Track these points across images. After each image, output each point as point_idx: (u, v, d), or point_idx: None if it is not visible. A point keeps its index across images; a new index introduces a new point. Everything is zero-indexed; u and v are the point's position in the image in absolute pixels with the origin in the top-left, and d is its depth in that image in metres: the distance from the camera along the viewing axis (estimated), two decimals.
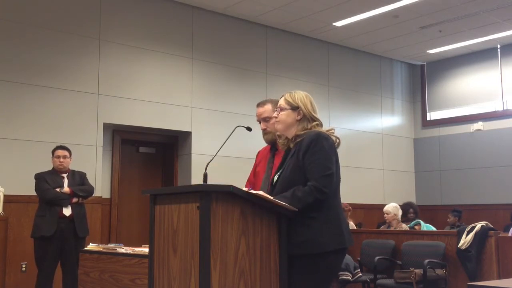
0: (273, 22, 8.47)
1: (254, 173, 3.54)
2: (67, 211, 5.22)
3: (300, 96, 2.86)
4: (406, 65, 10.72)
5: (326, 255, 2.67)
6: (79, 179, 5.45)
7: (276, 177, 2.88)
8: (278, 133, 2.92)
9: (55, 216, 5.16)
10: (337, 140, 2.81)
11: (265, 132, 3.42)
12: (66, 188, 5.28)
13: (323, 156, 2.68)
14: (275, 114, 2.89)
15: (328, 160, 2.68)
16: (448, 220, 8.05)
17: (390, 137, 10.21)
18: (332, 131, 2.82)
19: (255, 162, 3.58)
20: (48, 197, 5.21)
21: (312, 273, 2.69)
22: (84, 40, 6.90)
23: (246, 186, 3.40)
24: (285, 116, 2.84)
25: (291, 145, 2.84)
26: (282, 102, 2.88)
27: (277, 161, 3.36)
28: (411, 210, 7.60)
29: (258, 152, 3.62)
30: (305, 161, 2.69)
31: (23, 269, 6.12)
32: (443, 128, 10.23)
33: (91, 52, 6.94)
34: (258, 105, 3.46)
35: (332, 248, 2.66)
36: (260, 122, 3.44)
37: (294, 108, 2.83)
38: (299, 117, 2.82)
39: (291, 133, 2.84)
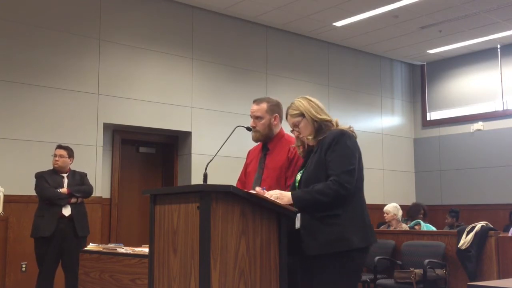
0: (273, 22, 8.47)
1: (245, 172, 3.54)
2: (66, 211, 5.22)
3: (300, 103, 2.87)
4: (406, 65, 10.72)
5: (352, 253, 2.65)
6: (79, 179, 5.45)
7: (299, 176, 2.88)
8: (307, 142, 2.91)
9: (54, 216, 5.16)
10: (354, 134, 2.83)
11: (254, 129, 3.41)
12: (63, 189, 5.28)
13: (345, 153, 2.69)
14: (295, 134, 2.90)
15: (350, 157, 2.69)
16: (446, 221, 8.03)
17: (390, 137, 10.21)
18: (352, 128, 2.84)
19: (246, 161, 3.57)
20: (45, 195, 5.21)
21: (337, 273, 2.65)
22: (84, 40, 6.90)
23: (237, 186, 3.40)
24: (304, 127, 2.84)
25: (311, 144, 2.85)
26: (290, 120, 2.88)
27: (269, 161, 3.36)
28: (422, 211, 7.57)
29: (249, 151, 3.61)
30: (327, 158, 2.70)
31: (23, 269, 6.12)
32: (443, 128, 10.23)
33: (91, 52, 6.94)
34: (255, 101, 3.45)
35: (358, 246, 2.64)
36: (252, 118, 3.45)
37: (302, 115, 2.85)
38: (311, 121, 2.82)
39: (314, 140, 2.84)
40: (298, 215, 2.76)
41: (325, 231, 2.64)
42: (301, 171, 2.89)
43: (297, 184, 2.87)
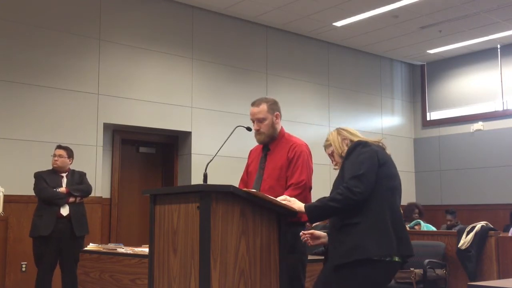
0: (273, 22, 8.46)
1: (247, 172, 3.53)
2: (64, 211, 5.21)
3: (331, 136, 2.97)
4: (406, 65, 10.72)
5: (374, 263, 2.58)
6: (78, 179, 5.44)
7: None
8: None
9: (53, 215, 5.15)
10: (381, 144, 2.88)
11: (258, 132, 3.39)
12: (62, 188, 5.27)
13: (355, 160, 2.71)
14: (333, 163, 2.98)
15: (359, 163, 2.69)
16: (449, 223, 7.97)
17: (390, 137, 10.20)
18: (379, 140, 2.91)
19: (248, 161, 3.57)
20: (44, 195, 5.21)
21: (355, 282, 2.61)
22: (84, 40, 6.90)
23: (239, 186, 3.40)
24: (335, 155, 2.93)
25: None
26: (326, 151, 3.01)
27: (269, 161, 3.35)
28: (416, 210, 7.57)
29: (251, 151, 3.60)
30: (344, 169, 2.77)
31: (23, 269, 6.12)
32: (443, 128, 10.23)
33: (91, 52, 6.94)
34: (253, 104, 3.41)
35: (376, 254, 2.57)
36: (254, 122, 3.42)
37: (331, 145, 2.96)
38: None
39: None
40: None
41: (343, 241, 2.63)
42: None
43: None
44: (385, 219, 2.64)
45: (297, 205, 2.80)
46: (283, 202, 2.80)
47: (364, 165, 2.67)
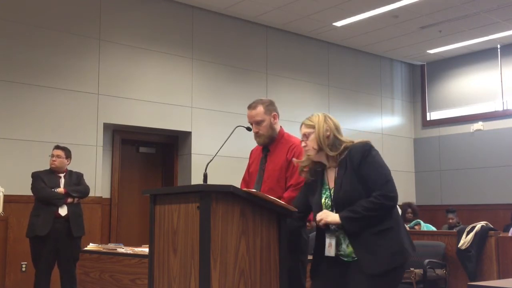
0: (273, 22, 8.46)
1: (249, 172, 3.53)
2: (62, 211, 5.20)
3: (317, 118, 2.82)
4: (406, 65, 10.72)
5: (403, 267, 2.66)
6: (76, 179, 5.44)
7: (324, 199, 2.78)
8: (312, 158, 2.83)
9: (50, 215, 5.14)
10: None
11: (257, 135, 3.38)
12: (60, 188, 5.27)
13: (379, 165, 2.68)
14: (302, 145, 2.84)
15: (385, 167, 2.68)
16: (451, 221, 7.95)
17: (390, 137, 10.21)
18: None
19: (249, 161, 3.57)
20: (42, 195, 5.20)
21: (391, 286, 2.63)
22: (84, 40, 6.89)
23: (241, 186, 3.40)
24: (312, 140, 2.78)
25: (331, 164, 2.78)
26: (303, 129, 2.84)
27: (269, 163, 3.35)
28: (409, 210, 7.58)
29: (251, 151, 3.61)
30: (362, 172, 2.65)
31: (23, 269, 6.12)
32: (443, 128, 10.23)
33: (91, 52, 6.93)
34: (249, 107, 3.42)
35: (412, 256, 2.65)
36: (252, 125, 3.41)
37: (314, 127, 2.79)
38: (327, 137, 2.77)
39: (324, 157, 2.79)
40: (332, 241, 2.69)
41: (385, 245, 2.58)
42: (324, 193, 2.80)
43: (325, 207, 2.76)
44: (401, 221, 2.74)
45: (331, 218, 2.66)
46: (318, 219, 2.70)
47: (388, 170, 2.68)
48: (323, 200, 2.78)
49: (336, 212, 2.67)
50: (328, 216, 2.67)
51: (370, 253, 2.59)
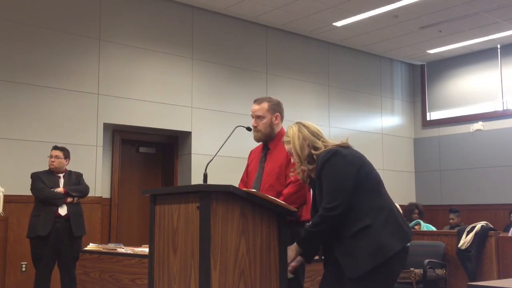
0: (273, 22, 8.46)
1: (247, 172, 3.54)
2: (62, 211, 5.21)
3: (291, 132, 2.82)
4: (406, 65, 10.72)
5: (391, 261, 2.53)
6: (75, 179, 5.44)
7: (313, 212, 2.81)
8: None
9: (50, 215, 5.14)
10: (346, 144, 2.75)
11: (255, 129, 3.42)
12: (60, 188, 5.27)
13: (329, 176, 2.61)
14: (292, 161, 2.86)
15: (334, 178, 2.60)
16: (452, 221, 7.96)
17: (390, 137, 10.21)
18: (343, 142, 2.76)
19: (247, 161, 3.58)
20: (42, 196, 5.21)
21: (377, 286, 2.56)
22: (84, 40, 6.89)
23: (239, 186, 3.41)
24: (294, 154, 2.80)
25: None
26: (285, 147, 2.88)
27: (269, 160, 3.37)
28: (416, 210, 7.56)
29: (251, 152, 3.62)
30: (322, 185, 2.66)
31: (23, 269, 6.12)
32: (443, 128, 10.23)
33: (91, 52, 6.93)
34: (255, 101, 3.47)
35: (398, 248, 2.53)
36: (253, 118, 3.45)
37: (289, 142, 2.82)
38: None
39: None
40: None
41: (361, 246, 2.52)
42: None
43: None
44: (392, 211, 2.63)
45: (291, 252, 2.73)
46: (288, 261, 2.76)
47: (340, 176, 2.59)
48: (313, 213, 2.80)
49: None
50: (290, 253, 2.75)
51: (349, 256, 2.55)
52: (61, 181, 5.37)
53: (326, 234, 2.62)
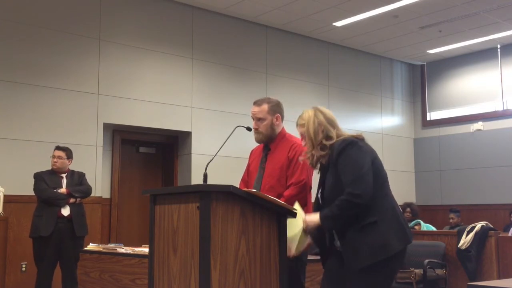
0: (273, 22, 8.46)
1: (248, 172, 3.54)
2: (65, 211, 5.22)
3: (307, 115, 2.85)
4: (406, 65, 10.72)
5: (390, 260, 2.57)
6: (78, 179, 5.44)
7: (319, 195, 2.81)
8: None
9: (53, 216, 5.15)
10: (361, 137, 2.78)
11: (256, 131, 3.42)
12: (63, 189, 5.27)
13: (350, 163, 2.62)
14: (303, 143, 2.86)
15: (355, 165, 2.61)
16: (452, 221, 7.96)
17: (390, 137, 10.21)
18: (358, 134, 2.80)
19: (248, 161, 3.58)
20: (45, 196, 5.21)
21: (375, 282, 2.59)
22: (84, 40, 6.89)
23: (240, 186, 3.41)
24: (308, 140, 2.79)
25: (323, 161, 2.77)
26: (298, 129, 2.86)
27: (270, 161, 3.36)
28: (408, 209, 7.57)
29: (251, 151, 3.62)
30: (339, 171, 2.65)
31: (23, 269, 6.12)
32: (443, 128, 10.23)
33: (91, 52, 6.93)
34: (255, 103, 3.45)
35: (398, 249, 2.57)
36: (253, 120, 3.44)
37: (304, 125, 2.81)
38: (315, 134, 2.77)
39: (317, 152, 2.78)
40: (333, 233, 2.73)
41: (367, 241, 2.56)
42: (319, 190, 2.81)
43: (320, 201, 2.80)
44: (396, 212, 2.66)
45: (311, 219, 2.69)
46: (304, 225, 2.74)
47: (358, 164, 2.62)
48: (319, 195, 2.81)
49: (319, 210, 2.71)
50: (310, 220, 2.70)
51: (353, 250, 2.59)
52: (64, 181, 5.37)
53: (347, 221, 2.61)
